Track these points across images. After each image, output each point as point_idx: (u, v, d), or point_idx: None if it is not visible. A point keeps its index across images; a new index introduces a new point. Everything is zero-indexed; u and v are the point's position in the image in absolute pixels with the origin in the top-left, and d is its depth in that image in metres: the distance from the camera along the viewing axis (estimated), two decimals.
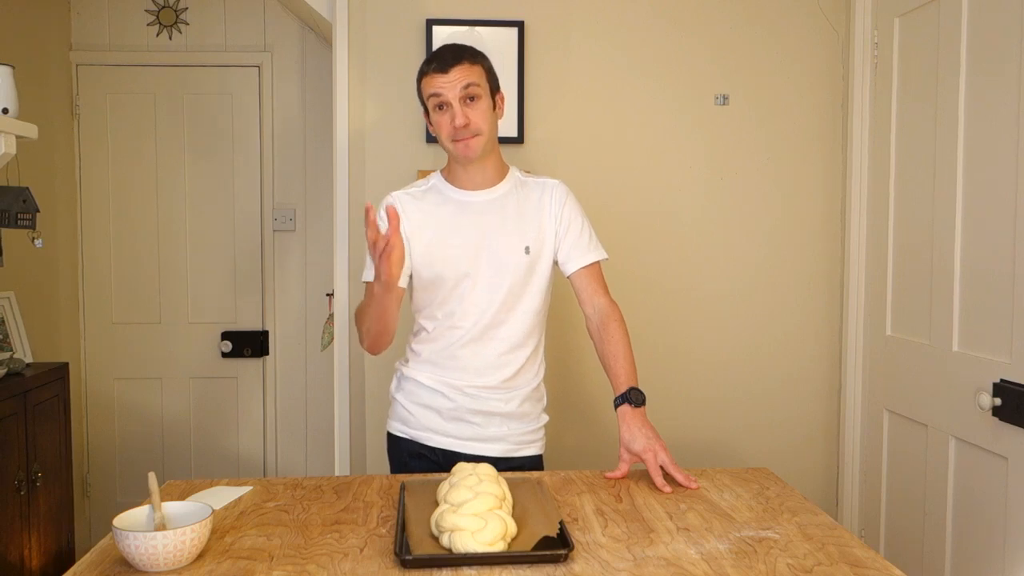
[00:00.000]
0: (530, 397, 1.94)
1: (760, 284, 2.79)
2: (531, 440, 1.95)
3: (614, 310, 1.95)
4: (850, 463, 2.72)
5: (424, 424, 1.91)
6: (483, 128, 1.80)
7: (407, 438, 1.93)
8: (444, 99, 1.78)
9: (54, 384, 2.75)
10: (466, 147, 1.80)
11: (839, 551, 1.39)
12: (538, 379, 1.96)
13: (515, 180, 1.93)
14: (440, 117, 1.80)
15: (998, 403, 1.94)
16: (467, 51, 1.82)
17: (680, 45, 2.72)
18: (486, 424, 1.89)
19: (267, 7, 3.55)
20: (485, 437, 1.89)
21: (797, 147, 2.77)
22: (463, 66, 1.78)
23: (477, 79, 1.79)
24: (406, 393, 1.93)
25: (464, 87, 1.77)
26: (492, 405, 1.88)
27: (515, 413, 1.91)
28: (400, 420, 1.95)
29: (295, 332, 3.63)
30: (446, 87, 1.77)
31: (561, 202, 1.92)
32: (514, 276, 1.85)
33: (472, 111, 1.78)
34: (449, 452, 1.89)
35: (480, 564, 1.30)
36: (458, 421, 1.88)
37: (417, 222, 1.86)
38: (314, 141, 3.58)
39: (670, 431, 2.81)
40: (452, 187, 1.90)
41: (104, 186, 3.55)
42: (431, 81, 1.79)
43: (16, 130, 2.39)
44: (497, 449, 1.90)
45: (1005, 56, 1.97)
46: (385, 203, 1.89)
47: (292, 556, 1.36)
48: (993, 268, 2.01)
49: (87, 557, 1.37)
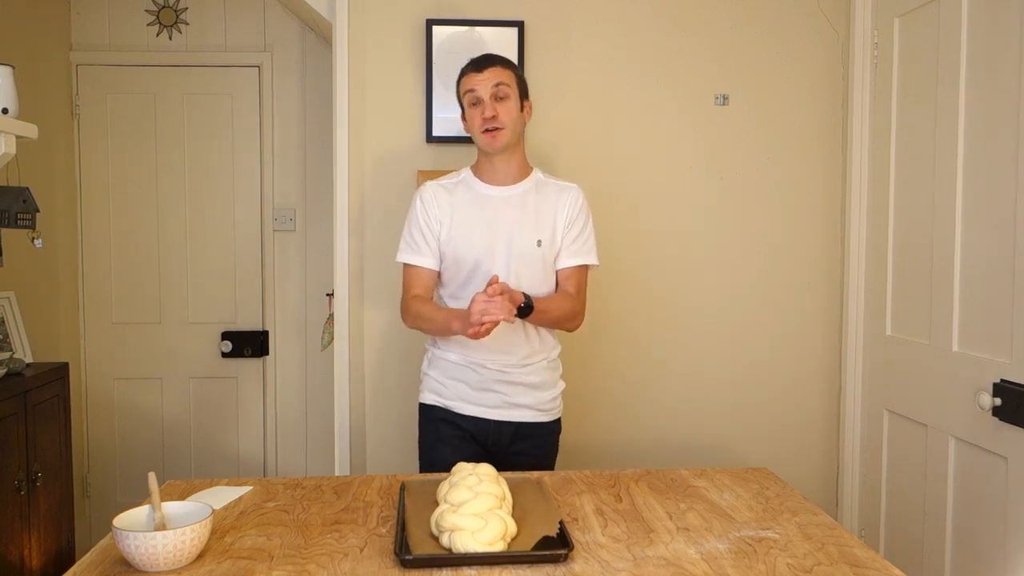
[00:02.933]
0: (549, 367, 2.14)
1: (760, 284, 2.79)
2: (551, 407, 2.15)
3: (579, 312, 2.12)
4: (850, 463, 2.72)
5: (456, 394, 2.10)
6: (508, 123, 2.03)
7: (440, 406, 2.11)
8: (477, 95, 2.03)
9: (54, 384, 2.75)
10: (492, 138, 2.02)
11: (839, 551, 1.39)
12: (555, 352, 2.16)
13: (536, 180, 2.13)
14: (473, 111, 2.04)
15: (998, 403, 1.94)
16: (501, 58, 2.09)
17: (680, 45, 2.72)
18: (512, 393, 2.08)
19: (267, 7, 3.55)
20: (511, 404, 2.09)
21: (797, 147, 2.77)
22: (496, 68, 2.04)
23: (508, 80, 2.04)
24: (440, 370, 2.12)
25: (495, 85, 2.02)
26: (516, 376, 2.08)
27: (537, 383, 2.11)
28: (433, 392, 2.13)
29: (295, 332, 3.63)
30: (479, 84, 2.02)
31: (575, 205, 2.12)
32: (527, 265, 2.05)
33: (500, 107, 2.02)
34: (480, 419, 2.08)
35: (480, 564, 1.30)
36: (486, 391, 2.07)
37: (446, 210, 2.08)
38: (314, 141, 3.58)
39: (670, 431, 2.82)
40: (479, 181, 2.11)
41: (104, 186, 3.55)
42: (468, 79, 2.05)
43: (16, 130, 2.39)
44: (522, 415, 2.10)
45: (1005, 56, 1.97)
46: (420, 193, 2.11)
47: (292, 556, 1.36)
48: (993, 268, 2.01)
49: (87, 557, 1.37)
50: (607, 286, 2.74)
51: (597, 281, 2.73)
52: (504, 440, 2.09)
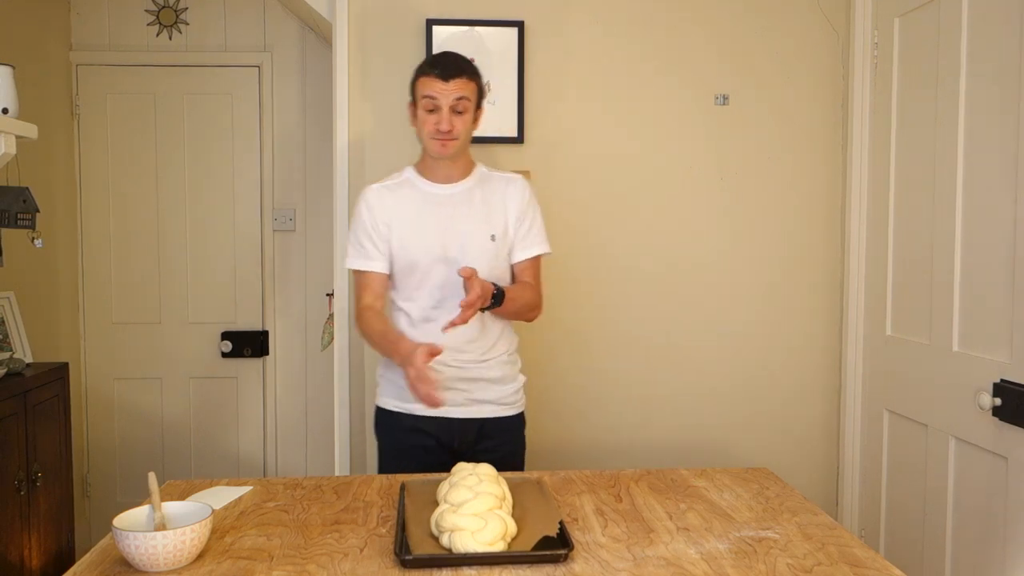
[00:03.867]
0: (508, 361, 2.12)
1: (760, 284, 2.79)
2: (512, 401, 2.13)
3: (540, 301, 2.13)
4: (850, 463, 2.72)
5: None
6: (461, 135, 1.99)
7: (401, 411, 2.06)
8: (437, 104, 1.96)
9: (54, 384, 2.75)
10: (443, 146, 1.98)
11: (839, 551, 1.39)
12: (512, 346, 2.14)
13: (480, 175, 2.11)
14: (428, 116, 1.98)
15: (998, 403, 1.94)
16: (468, 66, 2.01)
17: (680, 45, 2.72)
18: (473, 389, 2.05)
19: (267, 7, 3.54)
20: (473, 400, 2.05)
21: (797, 147, 2.77)
22: (462, 79, 1.97)
23: (470, 95, 1.99)
24: (396, 371, 2.01)
25: (457, 98, 1.96)
26: (476, 372, 2.04)
27: (498, 377, 2.08)
28: (393, 396, 2.07)
29: (295, 332, 3.63)
30: (442, 94, 1.95)
31: (523, 197, 2.09)
32: (482, 261, 1.99)
33: (458, 120, 1.97)
34: (443, 419, 2.02)
35: (480, 564, 1.30)
36: (448, 390, 1.99)
37: (393, 212, 2.04)
38: (314, 141, 3.58)
39: (671, 431, 2.82)
40: (424, 180, 2.07)
41: (104, 186, 3.55)
42: (431, 84, 1.97)
43: (16, 130, 2.39)
44: (484, 411, 2.07)
45: (1005, 56, 1.97)
46: (364, 196, 2.07)
47: (292, 556, 1.36)
48: (993, 268, 2.01)
49: (87, 557, 1.37)
50: (606, 285, 2.74)
51: (596, 281, 2.74)
52: (470, 438, 2.05)
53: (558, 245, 2.71)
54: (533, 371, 2.72)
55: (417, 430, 2.04)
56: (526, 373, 2.19)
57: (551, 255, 2.16)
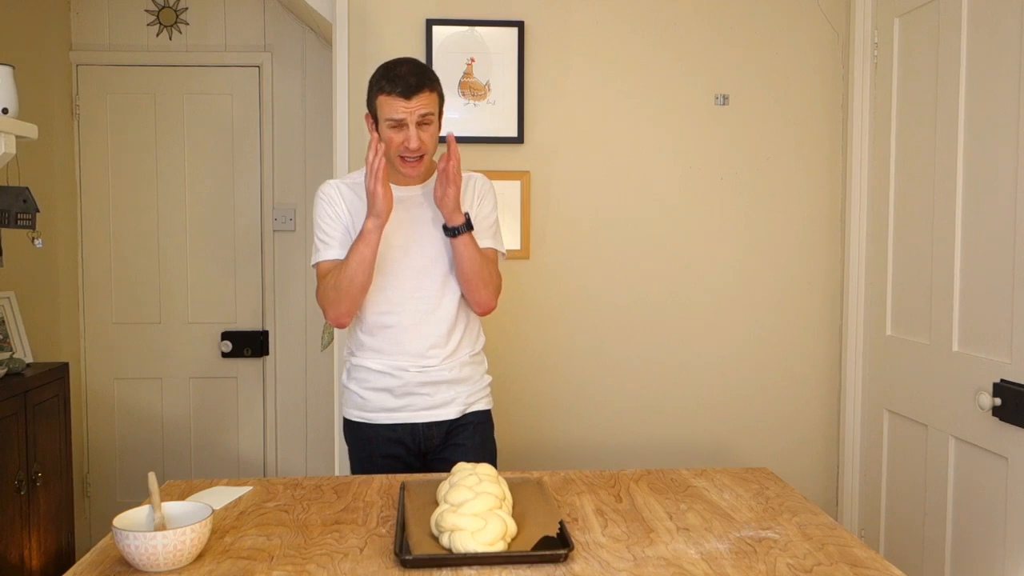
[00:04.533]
0: (471, 362, 2.06)
1: (760, 284, 2.79)
2: (479, 398, 2.07)
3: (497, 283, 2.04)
4: (850, 463, 2.72)
5: (378, 405, 2.01)
6: (429, 149, 1.94)
7: (365, 422, 2.03)
8: (403, 122, 1.89)
9: (54, 384, 2.75)
10: (413, 168, 1.94)
11: (839, 551, 1.39)
12: (477, 347, 2.09)
13: None
14: (393, 134, 1.91)
15: (998, 403, 1.94)
16: (427, 76, 1.92)
17: (680, 45, 2.72)
18: (435, 392, 2.00)
19: (267, 7, 3.54)
20: (437, 404, 2.01)
21: (797, 147, 2.77)
22: (424, 93, 1.89)
23: (433, 107, 1.92)
24: (358, 381, 2.03)
25: (422, 115, 1.89)
26: (437, 375, 2.00)
27: (459, 378, 2.03)
28: (355, 407, 2.05)
29: (295, 332, 3.63)
30: (407, 113, 1.88)
31: (480, 193, 2.05)
32: (444, 264, 1.98)
33: (424, 134, 1.91)
34: (407, 425, 2.00)
35: (480, 564, 1.30)
36: (409, 395, 1.99)
37: (354, 209, 1.98)
38: (314, 141, 3.57)
39: (671, 431, 2.82)
40: None
41: (104, 186, 3.55)
42: (392, 103, 1.88)
43: (16, 130, 2.39)
44: (451, 412, 2.02)
45: (1005, 56, 1.97)
46: (322, 190, 2.02)
47: (292, 556, 1.36)
48: (993, 268, 2.01)
49: (87, 557, 1.37)
50: (606, 287, 2.74)
51: (596, 282, 2.74)
52: (436, 441, 2.01)
53: (558, 245, 2.72)
54: (533, 372, 2.72)
55: (384, 439, 2.01)
56: (526, 373, 2.18)
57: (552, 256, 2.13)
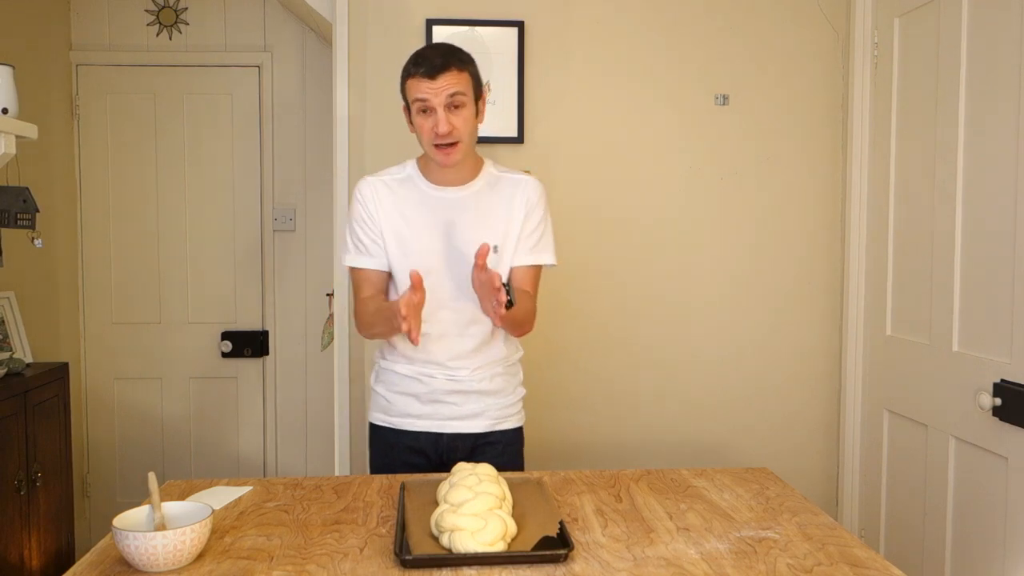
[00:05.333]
0: (505, 373, 1.95)
1: (760, 284, 2.79)
2: (510, 414, 1.96)
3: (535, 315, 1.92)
4: (850, 463, 2.72)
5: (403, 410, 1.93)
6: (464, 136, 1.79)
7: (388, 427, 1.95)
8: (430, 104, 1.76)
9: (54, 384, 2.75)
10: (446, 156, 1.79)
11: (839, 551, 1.39)
12: (514, 358, 1.99)
13: (489, 176, 1.92)
14: (423, 120, 1.78)
15: (998, 403, 1.94)
16: (455, 56, 1.78)
17: (680, 45, 2.72)
18: (463, 403, 1.90)
19: (267, 7, 3.54)
20: (463, 415, 1.91)
21: (797, 147, 2.77)
22: (451, 73, 1.75)
23: (464, 87, 1.77)
24: (385, 384, 1.96)
25: (450, 95, 1.75)
26: (468, 385, 1.90)
27: (490, 389, 1.92)
28: (380, 410, 1.97)
29: (295, 332, 3.63)
30: (432, 93, 1.75)
31: (531, 201, 1.91)
32: None
33: (456, 118, 1.77)
34: (431, 434, 1.91)
35: (480, 564, 1.30)
36: (435, 403, 1.90)
37: (391, 211, 1.87)
38: (314, 141, 3.57)
39: (671, 431, 2.82)
40: (426, 181, 1.89)
41: (104, 186, 3.55)
42: (417, 85, 1.76)
43: (16, 130, 2.39)
44: (477, 425, 1.91)
45: (1005, 56, 1.97)
46: (359, 189, 1.90)
47: (292, 556, 1.36)
48: (993, 268, 2.01)
49: (87, 557, 1.37)
50: (606, 287, 2.74)
51: (597, 281, 2.74)
52: (460, 455, 1.90)
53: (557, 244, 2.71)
54: (533, 372, 2.72)
55: (405, 447, 1.92)
56: (524, 373, 2.15)
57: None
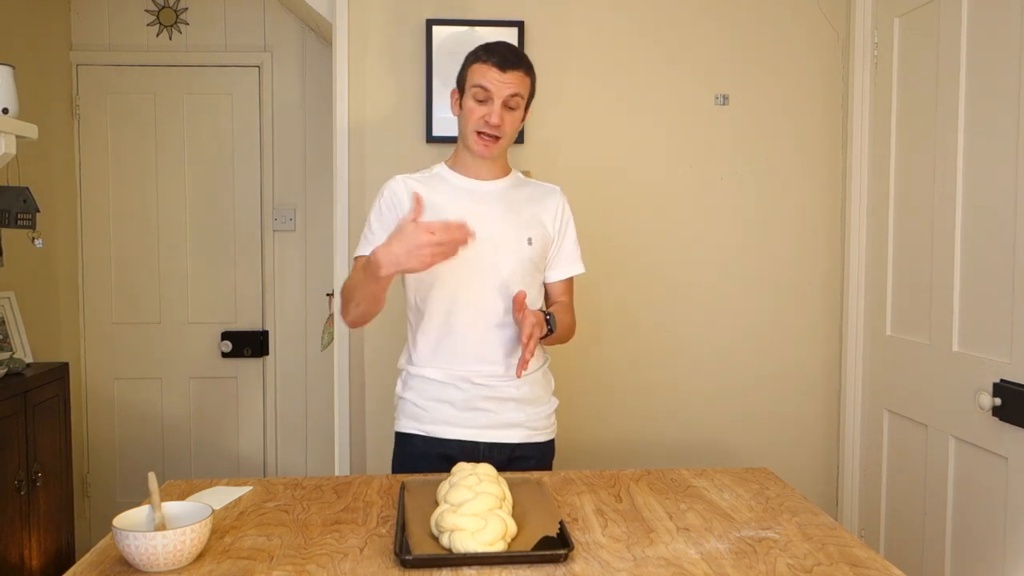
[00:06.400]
0: (539, 381, 1.94)
1: (760, 284, 2.79)
2: (545, 426, 1.96)
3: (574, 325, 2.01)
4: (850, 463, 2.72)
5: (438, 417, 1.87)
6: (507, 135, 1.85)
7: (421, 435, 1.88)
8: (490, 95, 1.80)
9: (54, 384, 2.75)
10: (486, 147, 1.84)
11: (839, 551, 1.39)
12: (544, 364, 1.98)
13: (516, 179, 1.98)
14: (476, 107, 1.82)
15: (998, 403, 1.94)
16: (526, 61, 1.86)
17: (680, 45, 2.72)
18: (500, 411, 1.87)
19: (267, 7, 3.54)
20: (501, 424, 1.88)
21: (797, 147, 2.77)
22: (519, 73, 1.82)
23: (524, 92, 1.84)
24: (416, 391, 1.90)
25: (512, 94, 1.81)
26: (504, 391, 1.87)
27: (528, 397, 1.91)
28: (411, 417, 1.90)
29: (295, 332, 3.63)
30: (497, 85, 1.80)
31: (563, 208, 1.97)
32: (515, 265, 1.85)
33: (508, 116, 1.83)
34: (467, 443, 1.86)
35: (480, 564, 1.30)
36: (473, 410, 1.86)
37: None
38: (314, 141, 3.58)
39: (671, 430, 2.82)
40: (458, 175, 1.91)
41: (104, 186, 3.55)
42: (484, 72, 1.81)
43: (16, 130, 2.39)
44: (513, 435, 1.89)
45: (1005, 56, 1.97)
46: (390, 184, 1.89)
47: (292, 556, 1.36)
48: (993, 268, 2.01)
49: (87, 557, 1.37)
50: (606, 287, 2.74)
51: (597, 282, 2.74)
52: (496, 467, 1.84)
53: None
54: None
55: (437, 455, 1.86)
56: None
57: None
